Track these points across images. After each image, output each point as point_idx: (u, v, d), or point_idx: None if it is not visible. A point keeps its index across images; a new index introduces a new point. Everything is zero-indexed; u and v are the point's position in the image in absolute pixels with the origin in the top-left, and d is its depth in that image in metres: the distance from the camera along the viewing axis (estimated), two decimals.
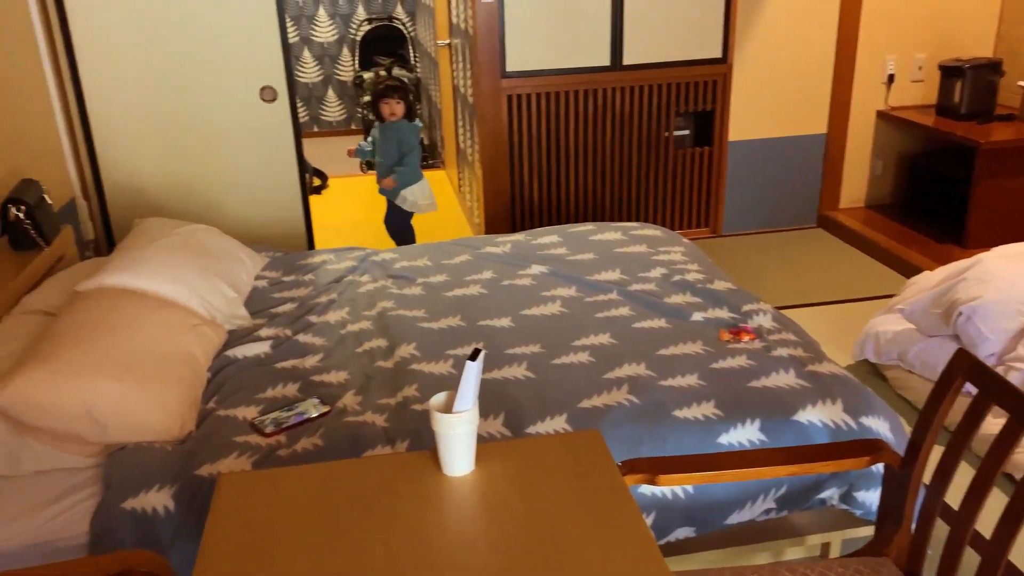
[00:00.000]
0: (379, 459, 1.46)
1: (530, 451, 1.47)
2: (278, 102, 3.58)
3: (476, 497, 1.35)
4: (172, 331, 2.14)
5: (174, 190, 3.61)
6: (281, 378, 2.19)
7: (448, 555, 1.22)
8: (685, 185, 4.37)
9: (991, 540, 1.37)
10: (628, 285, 2.69)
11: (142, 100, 3.45)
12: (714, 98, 4.22)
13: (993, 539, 1.37)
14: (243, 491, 1.38)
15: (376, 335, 2.43)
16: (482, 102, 3.99)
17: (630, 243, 3.08)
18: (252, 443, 1.90)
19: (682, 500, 1.90)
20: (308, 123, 7.26)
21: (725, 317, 2.46)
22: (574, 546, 1.23)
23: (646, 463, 1.57)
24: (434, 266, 2.95)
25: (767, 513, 1.97)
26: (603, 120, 4.13)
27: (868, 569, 1.58)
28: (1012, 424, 1.37)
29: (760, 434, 1.94)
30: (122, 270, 2.34)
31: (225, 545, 1.25)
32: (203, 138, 3.56)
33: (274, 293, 2.76)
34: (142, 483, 1.76)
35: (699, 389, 2.05)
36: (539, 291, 2.68)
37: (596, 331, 2.37)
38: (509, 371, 2.17)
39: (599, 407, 1.99)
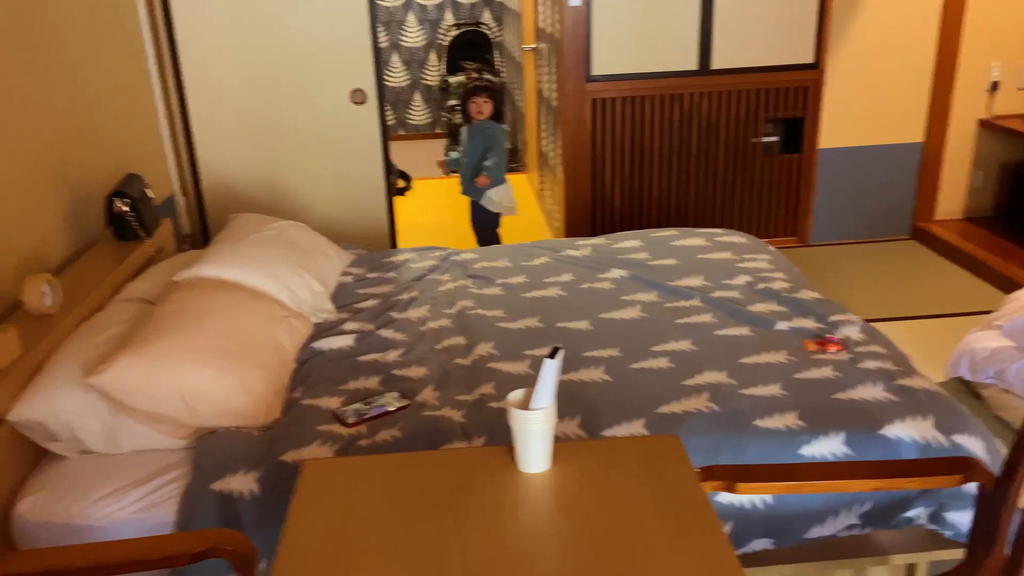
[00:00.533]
0: (457, 452, 1.48)
1: (607, 452, 1.46)
2: (367, 104, 3.67)
3: (551, 495, 1.35)
4: (263, 321, 2.22)
5: (266, 188, 3.74)
6: (363, 371, 2.24)
7: (522, 550, 1.23)
8: (772, 192, 4.27)
9: None
10: (711, 292, 2.65)
11: (239, 102, 3.59)
12: (805, 104, 4.12)
13: None
14: (326, 477, 1.42)
15: (455, 333, 2.47)
16: (566, 106, 4.00)
17: (714, 249, 3.03)
18: (334, 432, 1.95)
19: (761, 510, 1.86)
20: (395, 126, 7.41)
21: (811, 327, 2.39)
22: (649, 550, 1.22)
23: (725, 470, 1.55)
24: (514, 267, 2.97)
25: (850, 529, 1.91)
26: (689, 125, 4.08)
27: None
28: None
29: (845, 447, 1.89)
30: (218, 262, 2.43)
31: (307, 529, 1.29)
32: (295, 138, 3.68)
33: (358, 289, 2.83)
34: (229, 466, 1.83)
35: (782, 399, 2.00)
36: (619, 295, 2.66)
37: (676, 337, 2.35)
38: (586, 373, 2.17)
39: (678, 413, 1.96)
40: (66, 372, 1.94)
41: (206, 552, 1.41)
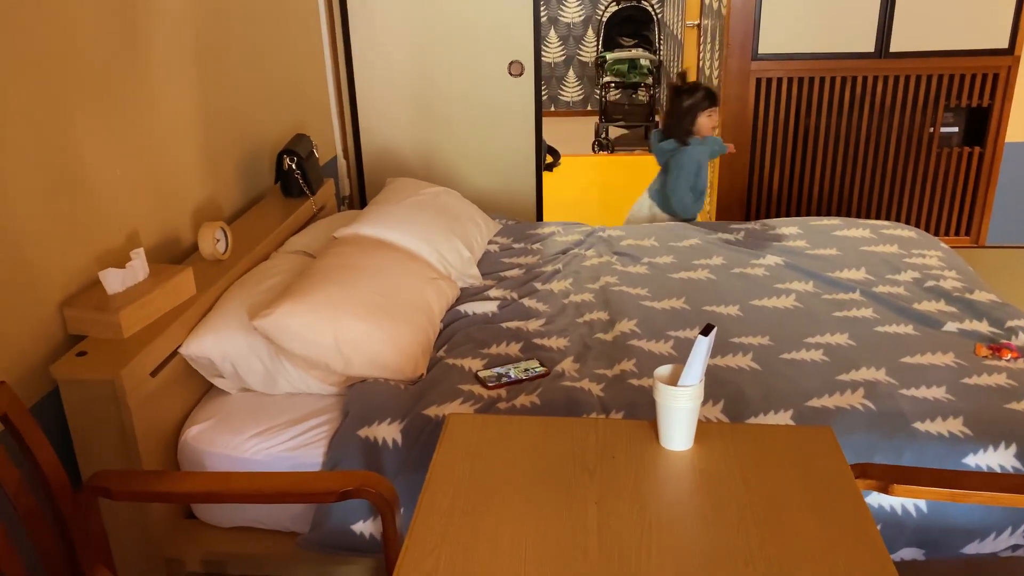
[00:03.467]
0: (598, 421, 1.47)
1: (754, 437, 1.41)
2: (524, 77, 3.68)
3: (694, 474, 1.32)
4: (414, 281, 2.29)
5: (422, 155, 3.84)
6: (505, 337, 2.27)
7: (662, 524, 1.21)
8: (947, 187, 3.97)
9: None
10: (874, 286, 2.50)
11: (402, 70, 3.70)
12: (992, 93, 3.79)
13: None
14: (468, 432, 1.44)
15: (598, 308, 2.45)
16: (729, 84, 3.87)
17: (879, 242, 2.85)
18: (475, 393, 1.98)
19: (914, 518, 1.74)
20: (546, 102, 7.42)
21: (984, 331, 2.21)
22: (795, 539, 1.17)
23: (881, 469, 1.46)
24: (661, 247, 2.92)
25: (1014, 549, 1.76)
26: (859, 110, 3.85)
27: None
28: None
29: (1016, 461, 1.74)
30: (375, 222, 2.53)
31: (448, 480, 1.32)
32: (452, 107, 3.75)
33: (504, 258, 2.87)
34: (376, 415, 1.90)
35: (946, 403, 1.87)
36: (772, 282, 2.56)
37: (832, 330, 2.23)
38: (733, 360, 2.10)
39: (829, 408, 1.87)
40: (234, 314, 2.08)
41: (352, 492, 1.47)
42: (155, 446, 1.89)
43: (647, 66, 6.33)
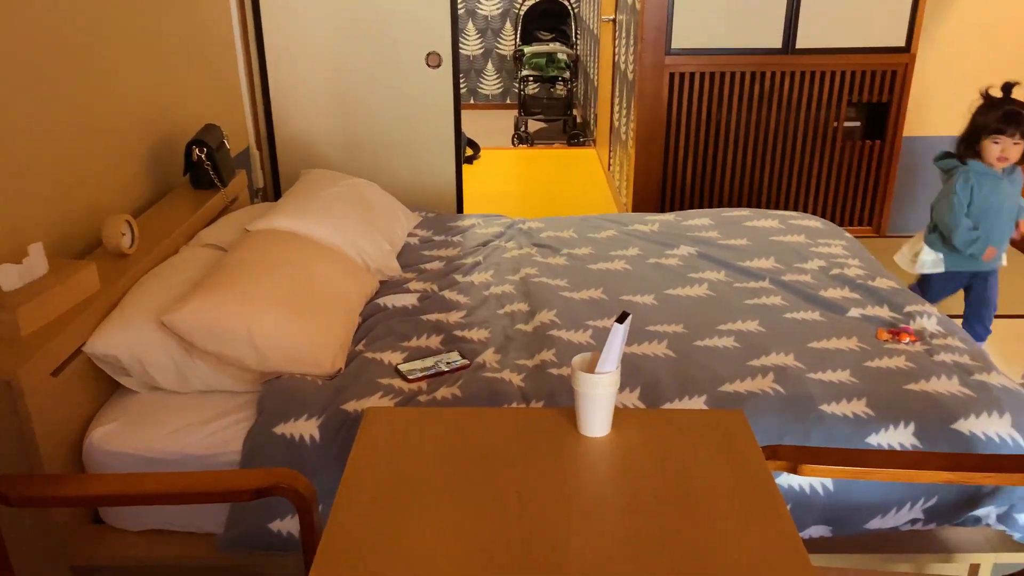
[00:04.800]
0: (518, 411, 1.48)
1: (669, 422, 1.44)
2: (442, 69, 3.66)
3: (611, 460, 1.34)
4: (331, 274, 2.25)
5: (338, 147, 3.78)
6: (426, 329, 2.26)
7: (580, 512, 1.22)
8: (850, 179, 4.14)
9: None
10: (782, 274, 2.59)
11: (317, 59, 3.63)
12: (891, 89, 3.97)
13: None
14: (387, 426, 1.43)
15: (518, 299, 2.46)
16: (643, 78, 3.93)
17: (787, 232, 2.95)
18: (395, 386, 1.97)
19: (821, 497, 1.82)
20: (466, 95, 7.41)
21: (885, 316, 2.32)
22: (710, 520, 1.20)
23: (790, 451, 1.51)
24: (580, 239, 2.95)
25: (912, 523, 1.85)
26: (768, 104, 3.98)
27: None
28: None
29: (914, 439, 1.83)
30: (290, 214, 2.47)
31: (367, 474, 1.30)
32: (369, 98, 3.70)
33: (424, 250, 2.85)
34: (292, 411, 1.86)
35: (850, 386, 1.95)
36: (686, 272, 2.62)
37: (744, 317, 2.30)
38: (649, 348, 2.14)
39: (741, 393, 1.93)
40: (141, 310, 2.00)
41: (268, 489, 1.44)
42: (58, 449, 1.80)
43: (565, 60, 6.39)
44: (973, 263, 2.84)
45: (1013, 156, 2.69)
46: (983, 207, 2.75)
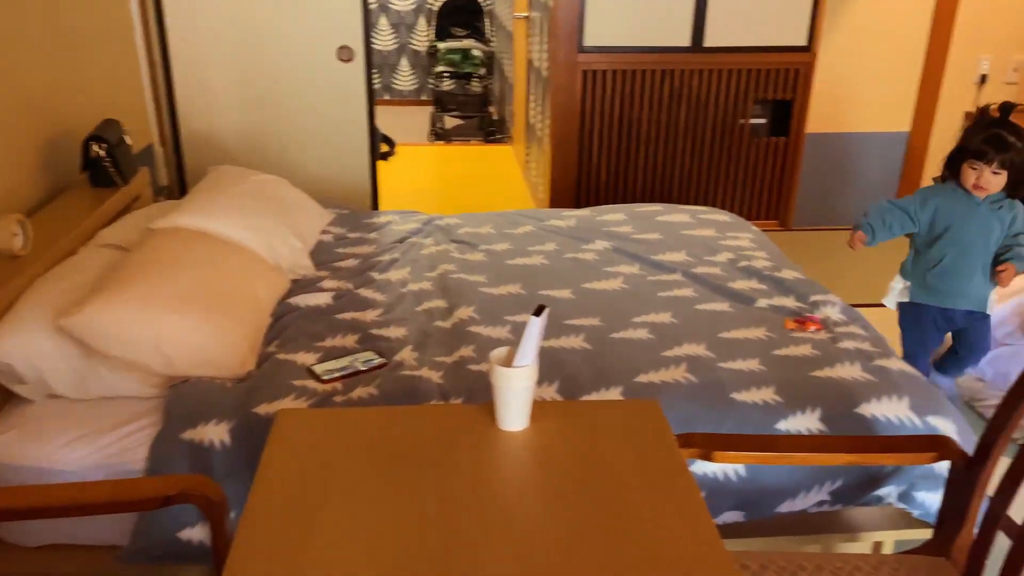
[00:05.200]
0: (435, 408, 1.46)
1: (586, 414, 1.45)
2: (354, 63, 3.60)
3: (530, 453, 1.34)
4: (240, 273, 2.18)
5: (248, 143, 3.67)
6: (341, 328, 2.22)
7: (500, 505, 1.22)
8: (757, 175, 4.27)
9: None
10: (693, 267, 2.65)
11: (223, 52, 3.51)
12: (795, 87, 4.11)
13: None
14: (300, 428, 1.39)
15: (436, 296, 2.44)
16: (557, 76, 3.96)
17: (698, 226, 3.02)
18: (309, 387, 1.92)
19: (734, 483, 1.87)
20: (380, 91, 7.32)
21: (791, 306, 2.40)
22: (627, 509, 1.21)
23: (702, 438, 1.55)
24: (497, 234, 2.95)
25: (820, 505, 1.92)
26: (679, 102, 4.06)
27: (924, 568, 1.53)
28: None
29: (820, 424, 1.89)
30: (196, 212, 2.39)
31: (279, 479, 1.26)
32: (280, 93, 3.61)
33: (338, 248, 2.80)
34: (201, 416, 1.80)
35: (759, 374, 2.01)
36: (602, 266, 2.65)
37: (657, 309, 2.34)
38: (567, 341, 2.16)
39: (656, 383, 1.96)
40: (35, 314, 1.89)
41: (176, 496, 1.38)
42: None
43: (480, 57, 6.38)
44: (940, 295, 2.54)
45: (990, 186, 2.38)
46: (954, 236, 2.46)
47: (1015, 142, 2.34)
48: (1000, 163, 2.35)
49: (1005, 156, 2.34)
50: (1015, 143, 2.34)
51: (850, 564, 1.53)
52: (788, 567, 1.51)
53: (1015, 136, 2.34)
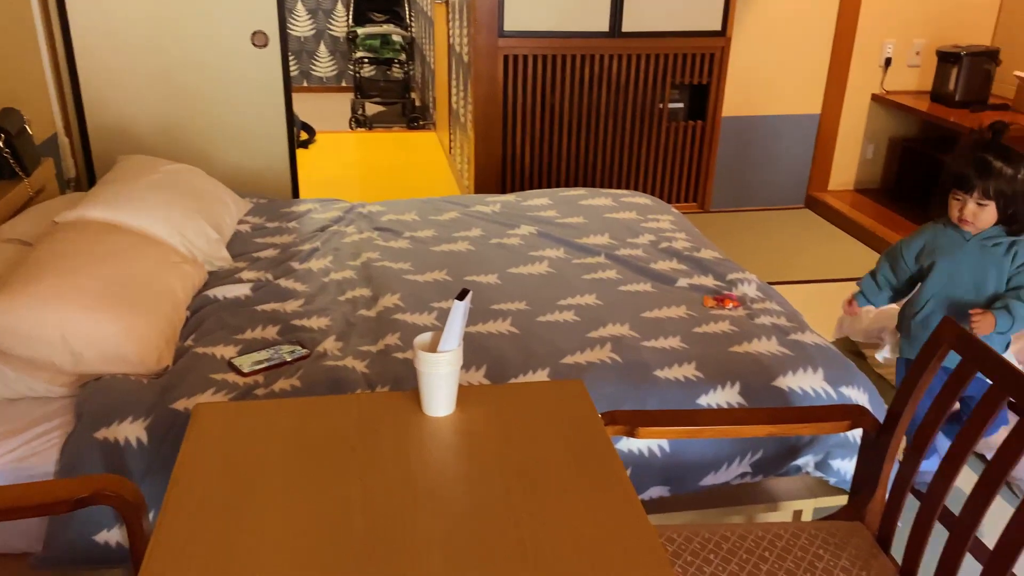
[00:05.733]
0: (360, 397, 1.44)
1: (512, 396, 1.45)
2: (269, 49, 3.51)
3: (457, 438, 1.34)
4: (152, 266, 2.11)
5: (160, 132, 3.54)
6: (261, 320, 2.16)
7: (428, 492, 1.21)
8: (676, 158, 4.35)
9: (960, 516, 1.38)
10: (616, 249, 2.68)
11: (131, 38, 3.37)
12: (711, 71, 4.19)
13: (962, 515, 1.37)
14: (219, 423, 1.36)
15: (360, 284, 2.41)
16: (478, 61, 3.94)
17: (620, 209, 3.06)
18: (230, 381, 1.87)
19: (659, 458, 1.90)
20: (298, 77, 7.16)
21: (710, 284, 2.45)
22: (554, 489, 1.22)
23: (626, 415, 1.57)
24: (422, 221, 2.93)
25: (742, 477, 1.98)
26: (599, 87, 4.09)
27: (841, 532, 1.59)
28: (992, 394, 1.38)
29: (740, 397, 1.95)
30: (104, 204, 2.29)
31: (198, 475, 1.23)
32: (192, 80, 3.49)
33: (257, 238, 2.73)
34: (115, 414, 1.73)
35: (681, 351, 2.05)
36: (527, 251, 2.66)
37: (582, 292, 2.36)
38: (494, 326, 2.16)
39: (582, 364, 1.98)
40: None
41: (89, 498, 1.33)
42: None
43: (399, 42, 6.30)
44: None
45: (977, 220, 2.05)
46: (939, 277, 2.14)
47: (1003, 168, 1.99)
48: (983, 192, 2.00)
49: (988, 184, 1.99)
50: (1003, 169, 1.99)
51: (771, 533, 1.58)
52: (712, 538, 1.55)
53: (1004, 161, 1.99)
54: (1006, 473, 1.31)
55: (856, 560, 1.52)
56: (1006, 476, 1.31)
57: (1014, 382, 1.33)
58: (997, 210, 2.04)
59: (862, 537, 1.59)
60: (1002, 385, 1.35)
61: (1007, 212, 2.04)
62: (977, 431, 1.38)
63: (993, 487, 1.32)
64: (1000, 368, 1.37)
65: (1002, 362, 1.37)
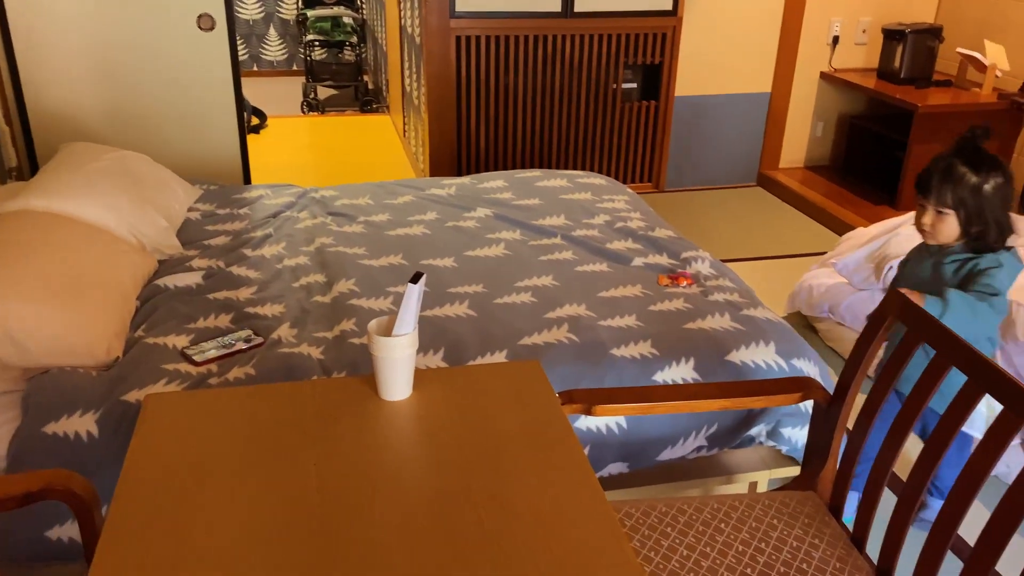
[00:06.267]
0: (314, 383, 1.43)
1: (469, 378, 1.46)
2: (216, 32, 3.43)
3: (414, 422, 1.34)
4: (100, 256, 2.06)
5: (105, 118, 3.45)
6: (213, 308, 2.13)
7: (384, 474, 1.21)
8: (630, 139, 4.37)
9: (907, 483, 1.42)
10: (572, 230, 2.69)
11: (70, 23, 3.27)
12: (663, 51, 4.21)
13: (909, 482, 1.41)
14: (170, 413, 1.34)
15: (314, 270, 2.39)
16: (430, 42, 3.91)
17: (575, 190, 3.07)
18: (182, 371, 1.84)
19: (616, 435, 1.92)
20: (248, 62, 7.02)
21: (664, 263, 2.48)
22: (513, 470, 1.23)
23: (583, 394, 1.58)
24: (376, 205, 2.90)
25: (698, 451, 2.01)
26: (552, 68, 4.09)
27: (794, 502, 1.63)
28: (938, 361, 1.41)
29: (694, 373, 1.97)
30: (47, 193, 2.23)
31: (150, 467, 1.21)
32: (137, 65, 3.40)
33: (207, 225, 2.68)
34: (64, 407, 1.70)
35: (637, 329, 2.07)
36: (483, 233, 2.66)
37: (539, 273, 2.37)
38: (451, 309, 2.15)
39: (539, 344, 1.99)
40: None
41: (37, 493, 1.30)
42: None
43: (351, 24, 6.21)
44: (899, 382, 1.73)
45: (936, 231, 1.83)
46: (901, 281, 1.99)
47: (967, 175, 1.76)
48: (940, 199, 1.78)
49: (947, 191, 1.77)
50: (966, 176, 1.76)
51: (726, 504, 1.61)
52: (669, 511, 1.58)
53: (971, 168, 1.77)
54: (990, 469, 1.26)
55: (808, 528, 1.56)
56: (989, 472, 1.29)
57: (959, 352, 1.37)
58: (959, 223, 1.80)
59: (814, 506, 1.63)
60: (946, 354, 1.39)
61: (969, 227, 1.79)
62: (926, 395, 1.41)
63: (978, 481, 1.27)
64: (944, 338, 1.41)
65: (945, 331, 1.41)
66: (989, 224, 1.79)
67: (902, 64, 4.11)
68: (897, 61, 4.13)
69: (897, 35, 4.11)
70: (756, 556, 1.48)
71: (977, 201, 1.77)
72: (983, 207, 1.77)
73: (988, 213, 1.78)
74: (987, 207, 1.77)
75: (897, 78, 4.14)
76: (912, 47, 4.07)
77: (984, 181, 1.77)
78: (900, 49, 4.11)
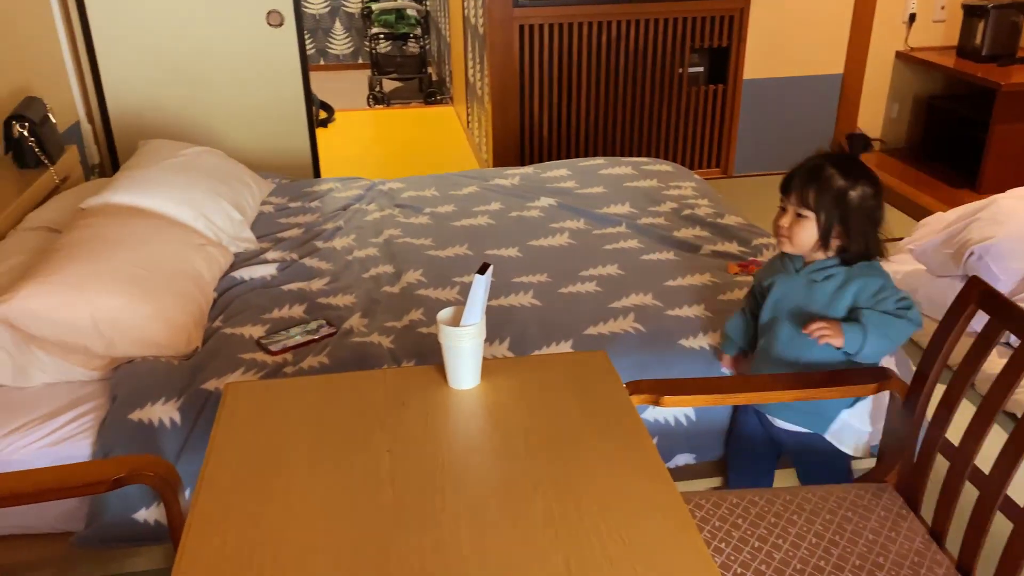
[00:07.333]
0: (386, 372, 1.46)
1: (536, 368, 1.46)
2: (284, 28, 3.51)
3: (482, 410, 1.35)
4: (178, 249, 2.14)
5: (180, 116, 3.56)
6: (287, 299, 2.19)
7: (453, 464, 1.22)
8: (697, 123, 4.30)
9: (990, 476, 1.37)
10: (637, 218, 2.67)
11: (147, 24, 3.38)
12: (730, 34, 4.12)
13: (992, 474, 1.37)
14: (249, 401, 1.38)
15: (382, 261, 2.43)
16: (493, 32, 3.91)
17: (640, 178, 3.04)
18: (259, 360, 1.90)
19: (684, 426, 1.91)
20: (315, 56, 7.15)
21: (734, 251, 2.44)
22: (580, 460, 1.23)
23: (651, 384, 1.57)
24: (441, 196, 2.93)
25: None
26: (616, 54, 4.05)
27: (869, 494, 1.59)
28: (1018, 355, 1.36)
29: None
30: (128, 189, 2.32)
31: (230, 453, 1.25)
32: (210, 63, 3.50)
33: (280, 218, 2.75)
34: (148, 395, 1.77)
35: (705, 320, 2.04)
36: (547, 223, 2.66)
37: (604, 262, 2.36)
38: (516, 299, 2.16)
39: (605, 334, 1.98)
40: None
41: (126, 478, 1.36)
42: None
43: (415, 16, 6.26)
44: None
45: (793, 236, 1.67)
46: (769, 308, 1.76)
47: (834, 177, 1.61)
48: (802, 200, 1.63)
49: (809, 191, 1.62)
50: (833, 179, 1.61)
51: (799, 496, 1.59)
52: (740, 503, 1.56)
53: (840, 171, 1.62)
54: None
55: (885, 521, 1.52)
56: None
57: None
58: (817, 228, 1.62)
59: (891, 499, 1.58)
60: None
61: (828, 236, 1.62)
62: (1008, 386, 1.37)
63: (1022, 445, 1.31)
64: None
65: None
66: (852, 237, 1.62)
67: (984, 41, 3.93)
68: (979, 38, 3.96)
69: (979, 11, 3.94)
70: (830, 549, 1.45)
71: (841, 208, 1.60)
72: (847, 216, 1.60)
73: (852, 223, 1.61)
74: (851, 216, 1.60)
75: (978, 56, 3.97)
76: (995, 23, 3.89)
77: (851, 187, 1.60)
78: (982, 25, 3.93)
